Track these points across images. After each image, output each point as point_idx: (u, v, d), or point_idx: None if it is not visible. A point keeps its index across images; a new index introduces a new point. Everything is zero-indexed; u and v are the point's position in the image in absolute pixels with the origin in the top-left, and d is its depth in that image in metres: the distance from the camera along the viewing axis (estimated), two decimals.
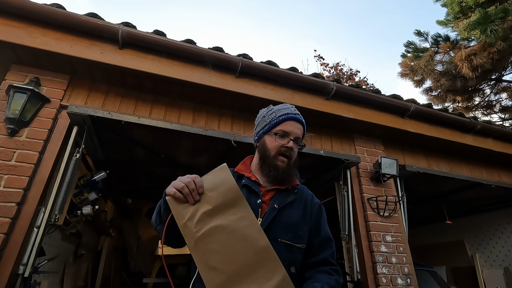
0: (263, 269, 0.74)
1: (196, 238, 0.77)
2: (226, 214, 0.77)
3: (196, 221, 0.78)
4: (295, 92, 2.53)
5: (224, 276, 0.74)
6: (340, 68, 12.55)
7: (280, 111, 1.10)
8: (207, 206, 0.78)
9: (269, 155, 1.04)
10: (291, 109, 1.12)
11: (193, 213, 0.79)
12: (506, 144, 3.39)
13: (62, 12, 1.99)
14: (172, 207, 0.80)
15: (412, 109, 2.86)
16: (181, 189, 0.80)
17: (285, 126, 1.06)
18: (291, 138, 1.05)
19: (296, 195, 1.07)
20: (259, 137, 1.12)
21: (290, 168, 1.05)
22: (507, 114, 8.55)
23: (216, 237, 0.76)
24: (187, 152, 2.90)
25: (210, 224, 0.77)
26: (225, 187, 0.79)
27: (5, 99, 1.93)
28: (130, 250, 5.57)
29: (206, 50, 2.25)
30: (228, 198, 0.78)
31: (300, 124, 1.10)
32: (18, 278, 1.64)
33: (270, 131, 1.07)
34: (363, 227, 2.57)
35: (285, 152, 1.03)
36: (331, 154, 2.66)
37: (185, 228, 0.78)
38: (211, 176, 0.82)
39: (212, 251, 0.76)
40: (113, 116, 2.08)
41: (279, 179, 1.05)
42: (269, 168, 1.04)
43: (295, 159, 1.08)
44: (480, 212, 4.68)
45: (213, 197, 0.79)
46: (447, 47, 7.60)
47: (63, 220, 2.22)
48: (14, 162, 1.81)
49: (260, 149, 1.09)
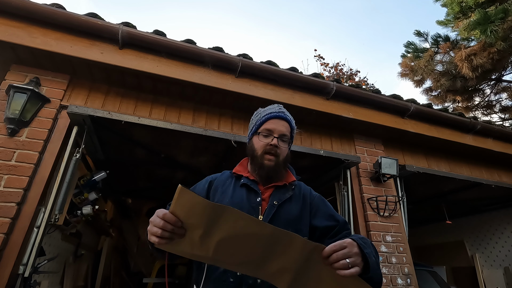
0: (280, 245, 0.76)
1: (211, 256, 0.77)
2: (219, 227, 0.75)
3: (200, 247, 0.77)
4: (295, 92, 2.53)
5: (253, 264, 0.78)
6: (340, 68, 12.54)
7: (265, 111, 1.14)
8: (198, 232, 0.75)
9: (256, 154, 1.08)
10: (275, 108, 1.15)
11: (190, 243, 0.77)
12: (506, 144, 3.39)
13: (62, 12, 1.99)
14: (169, 250, 0.79)
15: (412, 109, 2.86)
16: (160, 234, 0.74)
17: (268, 125, 1.09)
18: (275, 136, 1.07)
19: (294, 191, 1.09)
20: (249, 140, 1.17)
21: (278, 165, 1.07)
22: (507, 114, 8.55)
23: (227, 247, 0.77)
24: (187, 152, 2.90)
25: (213, 241, 0.76)
26: (199, 208, 0.74)
27: (5, 99, 1.93)
28: (130, 250, 5.56)
29: (206, 50, 2.25)
30: (209, 215, 0.74)
31: (284, 121, 1.12)
32: (18, 278, 1.64)
33: (256, 132, 1.11)
34: (363, 227, 2.57)
35: (270, 150, 1.06)
36: (331, 154, 2.66)
37: (196, 256, 0.79)
38: (177, 206, 0.75)
39: (232, 255, 0.78)
40: (113, 116, 2.08)
41: (266, 177, 1.07)
42: (257, 167, 1.08)
43: (286, 156, 1.10)
44: (480, 212, 4.68)
45: (196, 223, 0.75)
46: (447, 47, 7.60)
47: (63, 220, 2.22)
48: (14, 162, 1.81)
49: (249, 150, 1.13)
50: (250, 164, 1.14)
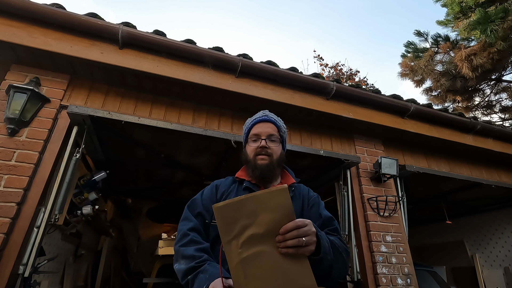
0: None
1: (239, 260, 0.74)
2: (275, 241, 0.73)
3: (242, 241, 0.74)
4: (295, 92, 2.53)
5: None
6: (340, 68, 12.55)
7: (250, 120, 1.24)
8: (257, 229, 0.73)
9: (250, 159, 1.15)
10: (260, 114, 1.23)
11: (240, 231, 0.74)
12: (506, 144, 3.39)
13: (62, 12, 1.99)
14: (219, 218, 0.75)
15: (412, 109, 2.86)
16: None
17: (254, 130, 1.18)
18: (262, 138, 1.14)
19: (293, 193, 1.14)
20: (243, 149, 1.25)
21: (271, 164, 1.12)
22: (507, 114, 8.55)
23: (261, 263, 0.73)
24: (187, 152, 2.90)
25: (256, 248, 0.73)
26: (281, 213, 0.73)
27: (5, 99, 1.93)
28: (130, 250, 5.57)
29: (206, 50, 2.25)
30: (281, 225, 0.72)
31: (268, 123, 1.20)
32: (18, 278, 1.64)
33: (246, 140, 1.21)
34: (363, 227, 2.57)
35: (260, 152, 1.12)
36: (331, 154, 2.66)
37: (229, 246, 0.75)
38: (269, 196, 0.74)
39: (253, 277, 0.73)
40: (113, 116, 2.08)
41: (261, 177, 1.11)
42: (251, 169, 1.14)
43: (280, 154, 1.16)
44: (480, 212, 4.68)
45: (266, 221, 0.73)
46: (447, 47, 7.60)
47: (63, 220, 2.22)
48: (14, 162, 1.81)
49: (244, 157, 1.21)
50: (246, 168, 1.20)
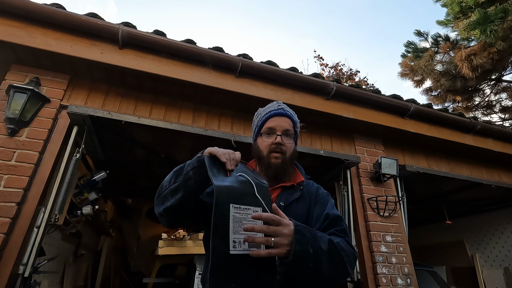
0: None
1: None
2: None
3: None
4: (295, 92, 2.53)
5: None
6: (340, 68, 12.55)
7: (264, 110, 1.14)
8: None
9: (263, 155, 1.07)
10: (274, 106, 1.14)
11: None
12: (506, 144, 3.39)
13: (62, 12, 1.99)
14: (211, 167, 0.82)
15: (412, 109, 2.86)
16: (221, 153, 0.86)
17: (269, 123, 1.09)
18: (278, 134, 1.06)
19: (301, 191, 1.08)
20: (253, 142, 1.17)
21: (285, 162, 1.06)
22: (507, 114, 8.55)
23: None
24: (187, 152, 2.90)
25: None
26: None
27: (5, 99, 1.93)
28: (130, 250, 5.57)
29: (206, 50, 2.25)
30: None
31: (285, 117, 1.11)
32: (18, 278, 1.64)
33: (259, 133, 1.11)
34: (363, 227, 2.57)
35: (275, 149, 1.05)
36: (331, 154, 2.66)
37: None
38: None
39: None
40: (113, 116, 2.08)
41: (274, 176, 1.06)
42: (264, 167, 1.07)
43: (293, 151, 1.09)
44: (480, 212, 4.68)
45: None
46: (447, 47, 7.60)
47: (63, 220, 2.22)
48: (14, 162, 1.81)
49: (255, 152, 1.13)
50: (258, 165, 1.13)
